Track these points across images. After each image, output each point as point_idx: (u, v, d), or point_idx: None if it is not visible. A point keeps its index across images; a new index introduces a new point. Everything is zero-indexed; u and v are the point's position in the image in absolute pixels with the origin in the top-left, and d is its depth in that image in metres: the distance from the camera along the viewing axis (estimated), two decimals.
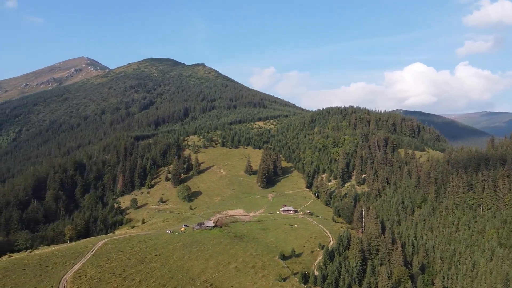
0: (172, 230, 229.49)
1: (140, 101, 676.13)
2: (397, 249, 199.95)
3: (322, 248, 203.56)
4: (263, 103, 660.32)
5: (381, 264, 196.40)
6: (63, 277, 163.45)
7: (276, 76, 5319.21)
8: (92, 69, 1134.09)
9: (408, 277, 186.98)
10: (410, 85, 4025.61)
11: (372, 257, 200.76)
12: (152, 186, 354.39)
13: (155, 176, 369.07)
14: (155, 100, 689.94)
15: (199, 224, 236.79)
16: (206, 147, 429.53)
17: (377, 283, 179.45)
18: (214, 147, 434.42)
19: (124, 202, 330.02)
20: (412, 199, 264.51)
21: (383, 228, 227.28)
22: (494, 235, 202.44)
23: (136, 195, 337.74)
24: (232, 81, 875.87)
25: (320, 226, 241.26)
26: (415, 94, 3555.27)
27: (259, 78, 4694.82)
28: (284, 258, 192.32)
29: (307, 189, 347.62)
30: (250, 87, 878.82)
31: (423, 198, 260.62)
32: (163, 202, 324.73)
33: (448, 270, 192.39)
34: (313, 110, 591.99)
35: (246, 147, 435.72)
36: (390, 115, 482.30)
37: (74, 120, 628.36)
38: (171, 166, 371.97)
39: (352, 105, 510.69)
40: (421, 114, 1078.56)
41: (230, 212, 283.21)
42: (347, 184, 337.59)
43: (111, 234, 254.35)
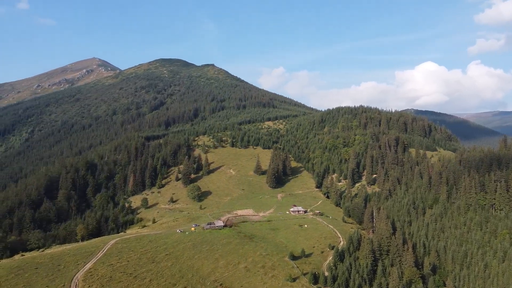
0: (183, 229, 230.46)
1: (151, 101, 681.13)
2: (408, 249, 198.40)
3: (332, 249, 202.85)
4: (272, 103, 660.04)
5: (391, 265, 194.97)
6: (74, 276, 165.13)
7: (285, 76, 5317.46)
8: (103, 70, 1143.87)
9: (419, 278, 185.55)
10: (421, 84, 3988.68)
11: (383, 257, 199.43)
12: (163, 186, 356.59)
13: (165, 176, 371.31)
14: (165, 100, 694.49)
15: (209, 224, 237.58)
16: (215, 147, 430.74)
17: (387, 284, 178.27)
18: (223, 147, 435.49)
19: (135, 201, 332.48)
20: (424, 199, 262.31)
21: (394, 228, 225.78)
22: (507, 236, 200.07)
23: (147, 195, 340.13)
24: (242, 81, 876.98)
25: (330, 226, 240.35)
26: (427, 93, 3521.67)
27: (268, 78, 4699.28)
28: (294, 258, 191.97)
29: (317, 189, 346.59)
30: (260, 87, 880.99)
31: (434, 199, 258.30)
32: (173, 202, 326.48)
33: (460, 271, 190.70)
34: (322, 110, 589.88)
35: (255, 147, 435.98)
36: (401, 114, 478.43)
37: (86, 121, 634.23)
38: (181, 166, 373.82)
39: (363, 104, 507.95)
40: (432, 113, 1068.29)
41: (240, 212, 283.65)
42: (357, 185, 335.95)
43: (122, 233, 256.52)
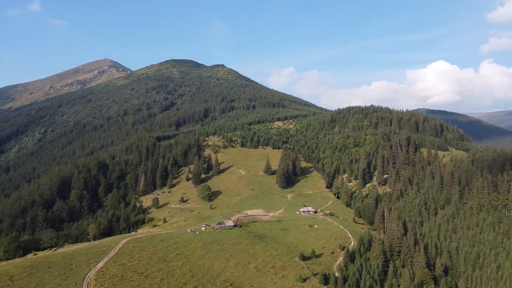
0: (193, 229, 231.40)
1: (162, 102, 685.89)
2: (419, 250, 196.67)
3: (343, 249, 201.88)
4: (282, 103, 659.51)
5: (403, 266, 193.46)
6: (86, 275, 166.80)
7: (295, 75, 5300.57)
8: (114, 71, 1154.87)
9: (431, 279, 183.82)
10: (433, 83, 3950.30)
11: (394, 258, 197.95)
12: (173, 186, 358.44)
13: (176, 176, 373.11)
14: (176, 101, 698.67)
15: (219, 224, 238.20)
16: (225, 147, 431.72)
17: (399, 285, 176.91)
18: (233, 147, 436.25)
19: (146, 201, 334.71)
20: (435, 199, 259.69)
21: (405, 229, 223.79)
22: None
23: (158, 195, 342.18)
24: (251, 81, 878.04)
25: (341, 227, 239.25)
26: (438, 92, 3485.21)
27: (278, 78, 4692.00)
28: (304, 258, 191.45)
29: (327, 189, 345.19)
30: (269, 87, 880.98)
31: (446, 199, 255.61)
32: (184, 202, 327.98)
33: (472, 272, 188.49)
34: (333, 110, 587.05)
35: (265, 147, 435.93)
36: (413, 114, 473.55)
37: (98, 121, 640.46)
38: (191, 166, 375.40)
39: (373, 104, 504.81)
40: (444, 113, 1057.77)
41: (250, 212, 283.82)
42: (368, 185, 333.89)
43: (133, 233, 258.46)
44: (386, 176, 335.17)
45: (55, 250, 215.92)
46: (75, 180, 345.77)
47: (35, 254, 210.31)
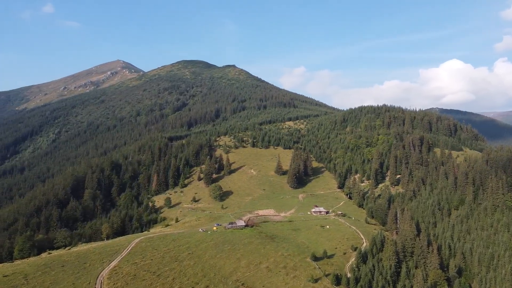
0: (205, 229, 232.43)
1: (174, 102, 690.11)
2: (433, 251, 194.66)
3: (355, 250, 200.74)
4: (293, 103, 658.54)
5: (416, 267, 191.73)
6: (100, 274, 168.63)
7: (306, 75, 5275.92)
8: (127, 72, 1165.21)
9: (444, 280, 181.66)
10: (446, 82, 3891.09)
11: (407, 259, 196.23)
12: (185, 186, 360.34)
13: (188, 175, 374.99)
14: (187, 101, 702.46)
15: (231, 224, 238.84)
16: (237, 147, 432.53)
17: (412, 286, 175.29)
18: (244, 147, 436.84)
19: (159, 201, 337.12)
20: (449, 200, 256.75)
21: (418, 230, 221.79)
22: None
23: (170, 194, 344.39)
24: (262, 81, 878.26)
25: (353, 227, 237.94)
26: (452, 91, 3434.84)
27: (289, 78, 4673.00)
28: (315, 259, 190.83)
29: (339, 189, 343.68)
30: (280, 87, 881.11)
31: (460, 200, 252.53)
32: (195, 201, 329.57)
33: (486, 273, 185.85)
34: (344, 109, 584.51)
35: (276, 147, 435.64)
36: (426, 113, 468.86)
37: (111, 122, 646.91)
38: (203, 166, 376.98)
39: (386, 103, 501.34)
40: (458, 112, 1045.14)
41: (261, 212, 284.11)
42: (380, 185, 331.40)
43: (146, 232, 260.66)
44: (399, 176, 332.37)
45: (69, 249, 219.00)
46: (88, 180, 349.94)
47: (49, 253, 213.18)
